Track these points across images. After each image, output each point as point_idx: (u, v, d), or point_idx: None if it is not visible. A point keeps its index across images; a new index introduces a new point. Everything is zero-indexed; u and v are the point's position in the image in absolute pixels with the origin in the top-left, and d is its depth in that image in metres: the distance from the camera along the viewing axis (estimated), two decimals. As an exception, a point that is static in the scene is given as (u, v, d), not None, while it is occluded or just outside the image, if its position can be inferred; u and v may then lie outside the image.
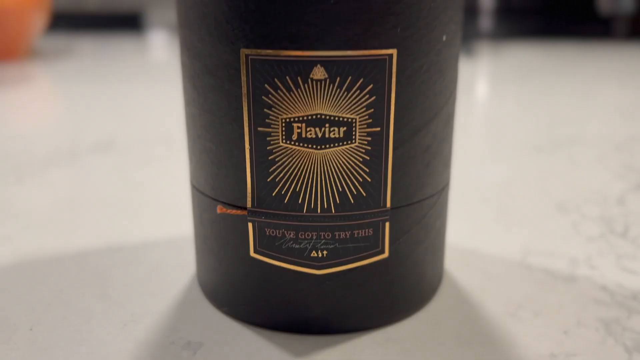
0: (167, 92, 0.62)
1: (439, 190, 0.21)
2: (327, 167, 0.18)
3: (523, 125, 0.48)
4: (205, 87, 0.19)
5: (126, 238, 0.27)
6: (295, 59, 0.17)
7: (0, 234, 0.28)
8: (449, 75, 0.19)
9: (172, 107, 0.53)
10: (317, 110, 0.17)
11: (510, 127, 0.47)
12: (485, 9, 1.88)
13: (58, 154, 0.40)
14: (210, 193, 0.20)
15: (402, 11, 0.17)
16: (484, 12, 1.85)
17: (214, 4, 0.17)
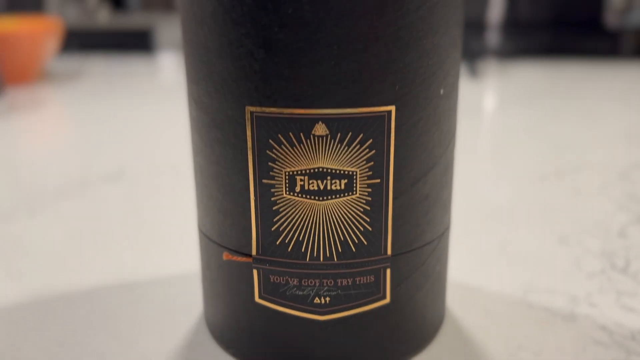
0: (176, 115, 0.63)
1: (439, 235, 0.21)
2: (329, 218, 0.19)
3: (527, 151, 0.48)
4: (212, 139, 0.19)
5: (136, 274, 0.28)
6: (297, 117, 0.18)
7: (13, 271, 0.29)
8: (446, 126, 0.20)
9: (180, 132, 0.54)
10: (319, 164, 0.18)
11: (514, 153, 0.48)
12: (492, 23, 1.89)
13: (69, 184, 0.41)
14: (216, 239, 0.21)
15: (400, 70, 0.18)
16: (491, 27, 1.85)
17: (220, 63, 0.18)
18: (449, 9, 0.18)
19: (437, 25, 0.18)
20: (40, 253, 0.30)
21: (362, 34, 0.17)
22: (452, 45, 0.19)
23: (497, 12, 1.85)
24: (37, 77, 0.84)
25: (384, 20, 0.17)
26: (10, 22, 0.84)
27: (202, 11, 0.18)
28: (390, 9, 0.17)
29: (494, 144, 0.52)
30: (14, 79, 0.78)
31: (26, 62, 0.80)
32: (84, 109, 0.69)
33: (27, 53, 0.79)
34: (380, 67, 0.17)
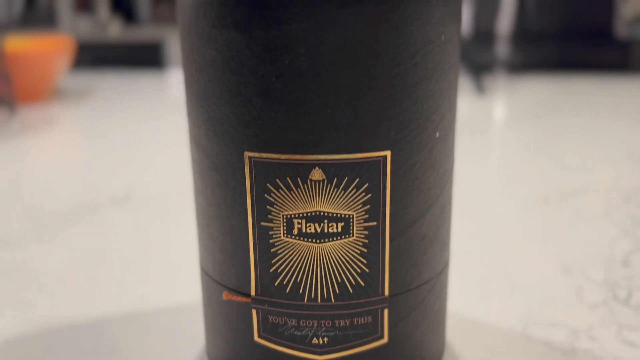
0: (185, 134, 0.63)
1: (437, 274, 0.21)
2: (327, 260, 0.19)
3: (532, 171, 0.48)
4: (213, 182, 0.20)
5: (141, 304, 0.28)
6: (295, 162, 0.18)
7: (22, 299, 0.29)
8: (443, 168, 0.20)
9: (188, 153, 0.54)
10: (316, 207, 0.18)
11: (519, 173, 0.48)
12: (501, 33, 1.89)
13: (77, 208, 0.41)
14: (217, 278, 0.21)
15: (395, 116, 0.18)
16: (500, 38, 1.85)
17: (220, 109, 0.19)
18: (444, 54, 0.19)
19: (431, 72, 0.18)
20: (49, 281, 0.31)
21: (357, 83, 0.17)
22: (448, 88, 0.20)
23: (506, 23, 1.85)
24: (48, 95, 0.85)
25: (378, 69, 0.17)
26: (22, 41, 0.85)
27: (203, 59, 0.19)
28: (384, 58, 0.17)
29: (499, 163, 0.52)
30: (25, 98, 0.79)
31: (38, 81, 0.81)
32: (94, 127, 0.70)
33: (38, 72, 0.80)
34: (375, 114, 0.18)
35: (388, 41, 0.17)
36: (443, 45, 0.19)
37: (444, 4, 0.18)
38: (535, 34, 1.74)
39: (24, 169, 0.53)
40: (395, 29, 0.17)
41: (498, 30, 1.87)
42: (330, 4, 0.17)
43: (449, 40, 0.19)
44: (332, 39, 0.17)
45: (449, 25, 0.19)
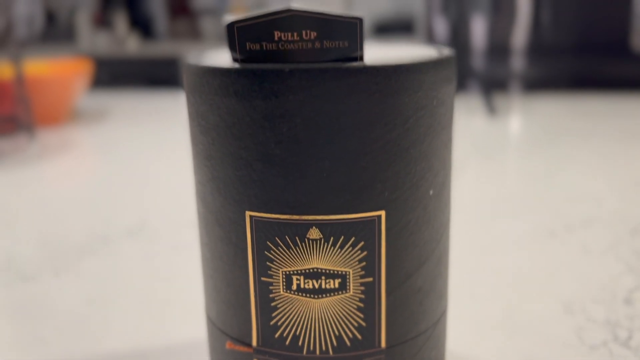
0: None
1: (434, 323, 0.22)
2: (325, 314, 0.20)
3: (539, 202, 0.49)
4: (216, 236, 0.21)
5: (152, 342, 0.29)
6: (293, 222, 0.19)
7: (37, 336, 0.30)
8: (438, 222, 0.21)
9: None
10: (313, 264, 0.19)
11: (525, 204, 0.48)
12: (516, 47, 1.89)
13: (92, 240, 0.43)
14: (220, 326, 0.22)
15: (389, 178, 0.19)
16: (515, 51, 1.85)
17: (222, 170, 0.20)
18: (435, 117, 0.20)
19: (423, 135, 0.19)
20: (63, 317, 0.32)
21: (351, 149, 0.18)
22: (441, 147, 0.20)
23: (520, 36, 1.84)
24: (66, 118, 0.87)
25: (372, 136, 0.18)
26: (40, 64, 0.87)
27: (206, 122, 0.20)
28: (377, 126, 0.18)
29: (505, 191, 0.52)
30: (44, 121, 0.81)
31: (56, 104, 0.83)
32: (112, 150, 0.71)
33: (57, 96, 0.82)
34: (369, 177, 0.19)
35: (380, 110, 0.18)
36: (435, 109, 0.19)
37: (435, 71, 0.19)
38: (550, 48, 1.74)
39: (42, 195, 0.54)
40: (388, 99, 0.18)
41: (512, 43, 1.87)
42: (325, 77, 0.17)
43: (441, 103, 0.20)
44: (327, 109, 0.18)
45: (441, 90, 0.20)
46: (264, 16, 0.18)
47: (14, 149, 0.72)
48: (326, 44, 0.18)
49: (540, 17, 1.80)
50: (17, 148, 0.72)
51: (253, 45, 0.18)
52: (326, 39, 0.18)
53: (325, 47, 0.18)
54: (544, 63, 1.60)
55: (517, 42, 1.82)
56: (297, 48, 0.18)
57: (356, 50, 0.18)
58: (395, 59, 0.18)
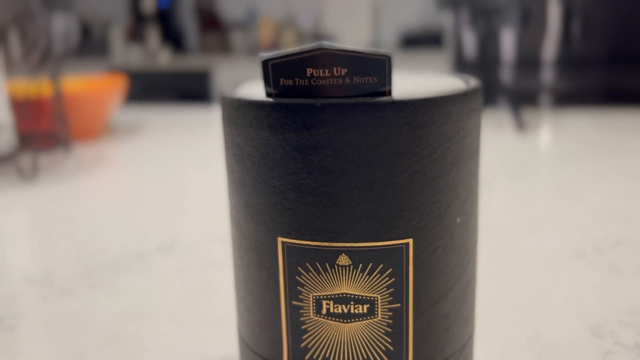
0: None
1: (461, 347, 0.22)
2: (353, 338, 0.20)
3: (568, 221, 0.48)
4: (249, 260, 0.22)
5: (185, 357, 0.30)
6: (323, 249, 0.20)
7: (76, 350, 0.31)
8: (465, 249, 0.21)
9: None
10: (342, 289, 0.20)
11: (554, 224, 0.48)
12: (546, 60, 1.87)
13: (126, 255, 0.44)
14: (252, 347, 0.23)
15: (416, 207, 0.19)
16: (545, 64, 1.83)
17: (256, 197, 0.20)
18: (462, 148, 0.20)
19: (450, 165, 0.20)
20: (99, 331, 0.33)
21: (380, 179, 0.19)
22: (467, 176, 0.21)
23: (550, 49, 1.82)
24: (101, 133, 0.90)
25: (399, 167, 0.19)
26: (77, 81, 0.90)
27: (241, 152, 0.21)
28: (404, 157, 0.19)
29: (534, 209, 0.52)
30: (80, 136, 0.84)
31: (92, 120, 0.86)
32: (145, 165, 0.73)
33: (93, 112, 0.85)
34: (397, 206, 0.19)
35: (408, 142, 0.19)
36: (461, 140, 0.20)
37: (462, 103, 0.20)
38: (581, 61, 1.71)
39: (79, 209, 0.56)
40: (415, 131, 0.19)
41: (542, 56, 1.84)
42: (355, 111, 0.18)
43: (467, 134, 0.20)
44: (356, 141, 0.18)
45: (468, 121, 0.20)
46: (297, 54, 0.19)
47: (51, 164, 0.74)
48: (356, 79, 0.19)
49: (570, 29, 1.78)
50: (55, 163, 0.74)
51: (286, 81, 0.19)
52: (356, 75, 0.19)
53: (355, 83, 0.19)
54: (574, 76, 1.57)
55: (547, 55, 1.80)
56: (328, 84, 0.19)
57: (385, 85, 0.19)
58: (422, 92, 0.19)
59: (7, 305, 0.37)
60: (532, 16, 1.66)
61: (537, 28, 1.77)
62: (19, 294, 0.38)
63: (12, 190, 0.63)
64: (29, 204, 0.58)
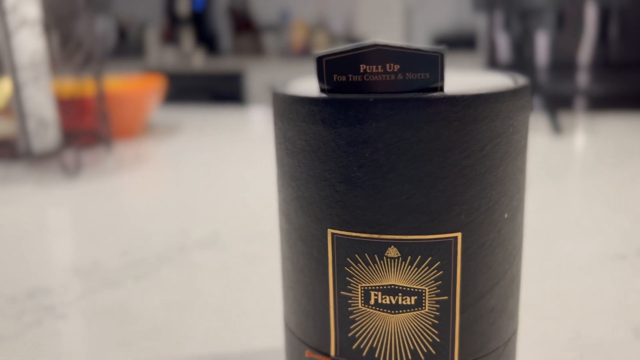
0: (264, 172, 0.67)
1: (505, 342, 0.23)
2: (400, 329, 0.21)
3: (608, 224, 0.48)
4: (298, 251, 0.22)
5: (231, 348, 0.31)
6: (372, 241, 0.20)
7: (123, 338, 0.33)
8: (511, 245, 0.22)
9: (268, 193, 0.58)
10: (391, 281, 0.20)
11: (594, 227, 0.48)
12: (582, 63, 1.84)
13: (169, 249, 0.45)
14: (299, 336, 0.23)
15: (465, 201, 0.20)
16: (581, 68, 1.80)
17: (307, 190, 0.21)
18: (511, 144, 0.20)
19: (499, 161, 0.20)
20: (145, 321, 0.34)
21: (430, 173, 0.19)
22: (516, 172, 0.21)
23: (586, 52, 1.79)
24: (141, 131, 0.92)
25: (449, 162, 0.19)
26: (118, 81, 0.93)
27: (293, 146, 0.21)
28: (455, 152, 0.19)
29: (573, 213, 0.52)
30: (121, 134, 0.86)
31: (132, 118, 0.88)
32: (183, 163, 0.75)
33: (133, 111, 0.87)
34: (447, 200, 0.20)
35: (459, 137, 0.19)
36: (511, 136, 0.20)
37: (512, 100, 0.20)
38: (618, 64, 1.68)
39: (120, 205, 0.58)
40: (466, 127, 0.19)
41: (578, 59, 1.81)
42: (407, 107, 0.19)
43: (516, 130, 0.21)
44: (408, 136, 0.19)
45: (517, 118, 0.20)
46: (351, 51, 0.19)
47: (93, 161, 0.76)
48: (408, 75, 0.19)
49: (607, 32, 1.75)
50: (96, 160, 0.77)
51: (339, 77, 0.20)
52: (409, 71, 0.19)
53: (408, 79, 0.19)
54: (611, 80, 1.54)
55: (583, 58, 1.77)
56: (381, 79, 0.19)
57: (437, 81, 0.19)
58: (473, 89, 0.19)
59: (57, 294, 0.38)
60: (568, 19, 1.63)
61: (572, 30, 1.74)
62: (68, 284, 0.40)
63: (56, 185, 0.65)
64: (73, 199, 0.60)
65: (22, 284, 0.40)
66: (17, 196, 0.62)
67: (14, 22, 0.64)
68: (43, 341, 0.32)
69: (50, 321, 0.35)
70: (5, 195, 0.62)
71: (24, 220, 0.54)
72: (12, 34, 0.64)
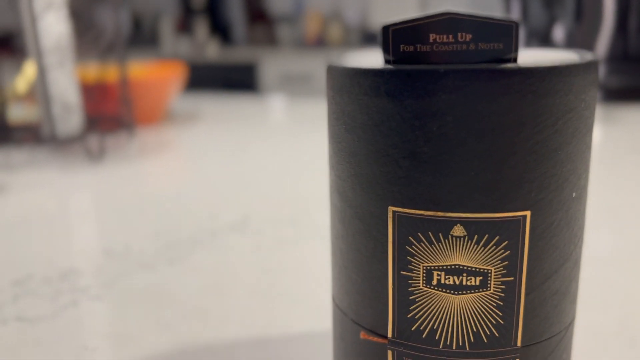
0: (287, 158, 0.66)
1: (567, 326, 0.22)
2: (463, 310, 0.20)
3: (634, 215, 0.47)
4: (354, 230, 0.22)
5: (269, 330, 0.31)
6: (437, 219, 0.19)
7: (161, 320, 0.32)
8: (577, 225, 0.21)
9: (292, 178, 0.57)
10: (455, 261, 0.20)
11: (626, 214, 0.47)
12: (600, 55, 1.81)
13: (200, 233, 0.45)
14: (352, 317, 0.23)
15: (536, 178, 0.19)
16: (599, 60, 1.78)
17: (367, 166, 0.20)
18: (582, 120, 0.20)
19: (571, 137, 0.19)
20: (181, 303, 0.34)
21: (501, 148, 0.19)
22: (585, 150, 0.20)
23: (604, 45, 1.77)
24: (162, 118, 0.91)
25: (521, 136, 0.18)
26: (140, 68, 0.92)
27: (353, 121, 0.21)
28: (527, 126, 0.18)
29: (601, 203, 0.51)
30: (143, 121, 0.86)
31: (154, 105, 0.87)
32: (205, 150, 0.75)
33: (156, 97, 0.87)
34: (517, 177, 0.19)
35: (532, 111, 0.18)
36: (582, 112, 0.20)
37: (584, 74, 0.19)
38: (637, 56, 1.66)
39: (146, 190, 0.58)
40: (540, 100, 0.18)
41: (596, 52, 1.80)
42: (480, 78, 0.18)
43: (587, 106, 0.20)
44: (479, 108, 0.18)
45: (588, 93, 0.20)
46: (420, 19, 0.18)
47: (116, 146, 0.76)
48: (481, 45, 0.18)
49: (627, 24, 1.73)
50: (119, 145, 0.76)
51: (407, 47, 0.19)
52: (481, 41, 0.18)
53: (480, 49, 0.18)
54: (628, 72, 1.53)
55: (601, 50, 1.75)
56: (452, 49, 0.19)
57: (510, 52, 0.18)
58: (548, 61, 0.18)
59: (91, 276, 0.38)
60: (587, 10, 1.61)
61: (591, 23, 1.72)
62: (101, 266, 0.39)
63: (81, 170, 0.65)
64: (98, 184, 0.60)
65: (54, 266, 0.39)
66: (42, 181, 0.61)
67: (40, 6, 0.64)
68: (81, 321, 0.32)
69: (87, 302, 0.34)
70: (31, 179, 0.62)
71: (50, 204, 0.54)
72: (38, 17, 0.64)
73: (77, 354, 0.29)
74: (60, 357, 0.29)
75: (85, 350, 0.29)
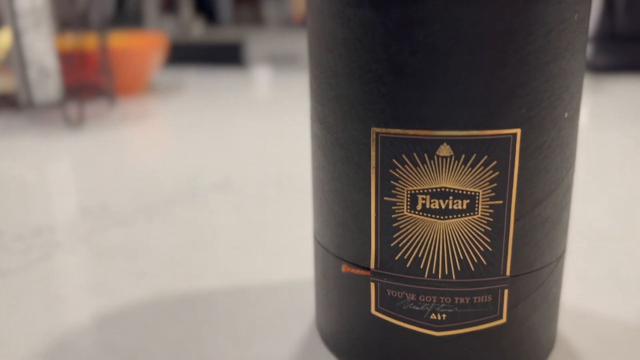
0: (271, 128, 0.65)
1: (557, 258, 0.21)
2: (450, 236, 0.19)
3: (627, 173, 0.46)
4: (336, 157, 0.21)
5: (250, 280, 0.30)
6: (422, 138, 0.18)
7: (139, 272, 0.31)
8: (569, 149, 0.20)
9: (276, 144, 0.56)
10: (441, 183, 0.19)
11: (613, 175, 0.46)
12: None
13: (181, 192, 0.43)
14: (334, 251, 0.22)
15: (527, 93, 0.18)
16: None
17: (348, 86, 0.19)
18: (576, 34, 0.19)
19: (564, 50, 0.18)
20: (159, 256, 0.33)
21: (491, 59, 0.17)
22: (578, 69, 0.19)
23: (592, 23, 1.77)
24: (143, 89, 0.89)
25: (513, 46, 0.17)
26: (121, 38, 0.90)
27: (334, 38, 0.19)
28: (519, 35, 0.17)
29: (588, 167, 0.50)
30: (124, 91, 0.83)
31: (135, 75, 0.85)
32: (187, 120, 0.73)
33: (137, 67, 0.85)
34: (508, 91, 0.18)
35: (524, 18, 0.17)
36: (576, 25, 0.18)
37: (580, -18, 0.18)
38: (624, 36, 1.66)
39: (126, 156, 0.56)
40: (532, 6, 0.17)
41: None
42: (469, -20, 0.17)
43: (581, 19, 0.19)
44: (469, 15, 0.17)
45: (583, 4, 0.19)
46: None
47: (96, 114, 0.74)
48: (470, -53, 0.17)
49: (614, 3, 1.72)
50: (100, 114, 0.74)
51: (391, -49, 0.18)
52: (470, -59, 0.17)
53: (469, -49, 0.17)
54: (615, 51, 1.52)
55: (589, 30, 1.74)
56: (439, -48, 0.17)
57: (501, -46, 0.17)
58: (540, -35, 0.17)
59: (65, 231, 0.36)
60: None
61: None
62: (76, 222, 0.38)
63: (60, 137, 0.63)
64: (77, 150, 0.58)
65: (27, 223, 0.38)
66: (19, 148, 0.59)
67: (13, -35, 0.62)
68: (53, 274, 0.31)
69: (60, 256, 0.33)
70: (8, 146, 0.60)
71: (27, 169, 0.52)
72: (11, -23, 0.61)
73: (47, 303, 0.28)
74: (30, 306, 0.27)
75: (57, 299, 0.28)
